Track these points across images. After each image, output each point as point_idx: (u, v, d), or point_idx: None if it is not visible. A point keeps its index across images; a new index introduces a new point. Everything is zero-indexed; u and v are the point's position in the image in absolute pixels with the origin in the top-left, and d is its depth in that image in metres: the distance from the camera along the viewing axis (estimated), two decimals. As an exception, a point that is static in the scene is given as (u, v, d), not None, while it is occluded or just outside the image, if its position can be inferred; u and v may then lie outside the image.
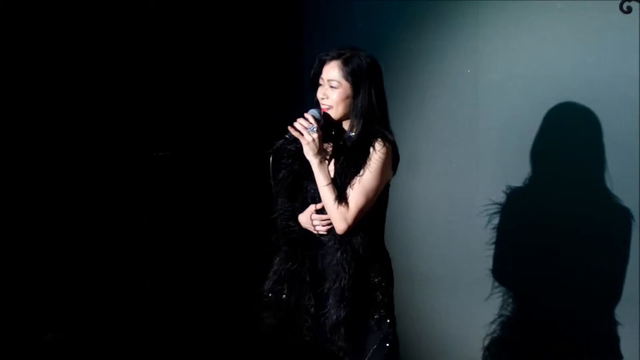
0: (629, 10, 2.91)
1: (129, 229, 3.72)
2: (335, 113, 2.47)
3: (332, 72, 2.45)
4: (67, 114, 3.58)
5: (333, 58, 2.47)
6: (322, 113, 2.47)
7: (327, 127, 2.50)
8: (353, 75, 2.43)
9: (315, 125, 2.42)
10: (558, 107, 3.18)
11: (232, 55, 4.06)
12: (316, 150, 2.42)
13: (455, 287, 3.54)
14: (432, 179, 3.50)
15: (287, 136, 2.45)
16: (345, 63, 2.44)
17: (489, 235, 3.43)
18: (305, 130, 2.41)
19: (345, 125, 2.51)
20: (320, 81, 2.50)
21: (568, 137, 3.16)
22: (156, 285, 3.77)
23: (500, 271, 3.41)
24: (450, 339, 3.57)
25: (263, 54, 4.14)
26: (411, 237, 3.71)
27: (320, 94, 2.49)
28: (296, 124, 2.43)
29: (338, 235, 2.44)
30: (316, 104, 2.51)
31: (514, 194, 3.34)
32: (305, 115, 2.45)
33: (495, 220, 3.41)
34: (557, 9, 3.16)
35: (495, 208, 3.41)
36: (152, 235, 3.78)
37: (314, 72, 2.52)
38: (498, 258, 3.42)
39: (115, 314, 3.73)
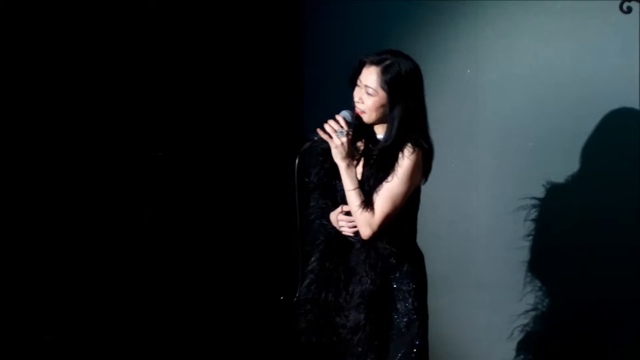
0: (629, 10, 2.91)
1: (128, 229, 3.72)
2: (368, 118, 2.43)
3: (369, 78, 2.40)
4: (66, 114, 3.58)
5: (373, 63, 2.40)
6: (355, 115, 2.43)
7: (358, 128, 2.46)
8: (390, 85, 2.37)
9: (345, 128, 2.38)
10: (558, 107, 3.18)
11: (232, 55, 4.06)
12: (344, 154, 2.38)
13: (455, 288, 3.54)
14: (432, 179, 3.47)
15: (315, 138, 2.41)
16: (384, 71, 2.37)
17: (489, 235, 3.43)
18: (334, 133, 2.38)
19: (378, 128, 2.47)
20: (358, 82, 2.44)
21: (568, 137, 3.16)
22: (156, 286, 3.77)
23: (500, 272, 3.41)
24: (449, 340, 3.57)
25: (263, 54, 4.13)
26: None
27: (356, 96, 2.44)
28: (326, 126, 2.39)
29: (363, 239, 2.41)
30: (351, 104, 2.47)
31: (513, 194, 3.34)
32: (337, 117, 2.41)
33: (495, 220, 3.41)
34: (557, 9, 3.15)
35: (494, 208, 3.41)
36: (152, 236, 3.77)
37: (354, 72, 2.46)
38: (498, 258, 3.42)
39: (115, 315, 3.73)
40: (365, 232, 2.38)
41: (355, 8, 3.86)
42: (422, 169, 2.42)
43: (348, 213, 2.45)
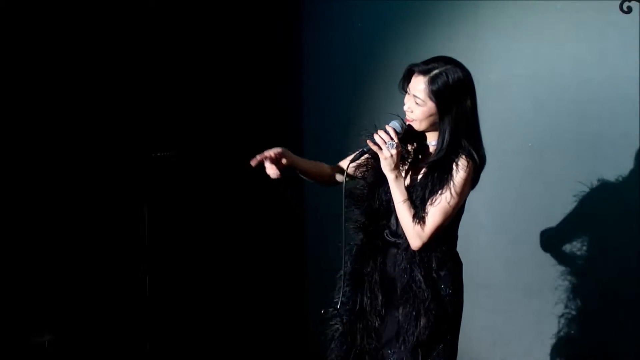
0: (629, 10, 2.91)
1: (128, 229, 3.72)
2: (418, 126, 2.40)
3: (417, 88, 2.35)
4: (65, 114, 3.58)
5: (421, 72, 2.35)
6: (405, 124, 2.41)
7: (409, 137, 2.45)
8: (438, 96, 2.32)
9: (395, 140, 2.36)
10: (558, 107, 3.18)
11: (231, 56, 4.06)
12: (393, 165, 2.36)
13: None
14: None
15: (364, 149, 2.40)
16: (432, 81, 2.33)
17: (488, 236, 3.43)
18: (384, 145, 2.36)
19: (430, 135, 2.44)
20: (408, 90, 2.40)
21: (568, 137, 3.16)
22: (155, 286, 3.77)
23: (500, 272, 3.41)
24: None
25: (262, 54, 4.13)
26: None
27: (406, 104, 2.41)
28: (376, 137, 2.37)
29: (410, 247, 2.39)
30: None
31: (513, 194, 3.34)
32: (387, 127, 2.38)
33: (494, 221, 3.41)
34: (557, 9, 3.15)
35: (494, 208, 3.41)
36: (152, 236, 3.77)
37: (403, 78, 2.42)
38: (497, 259, 3.42)
39: (114, 316, 3.72)
40: (416, 243, 2.37)
41: (355, 8, 3.86)
42: (472, 180, 2.40)
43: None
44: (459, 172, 2.34)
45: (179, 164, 3.75)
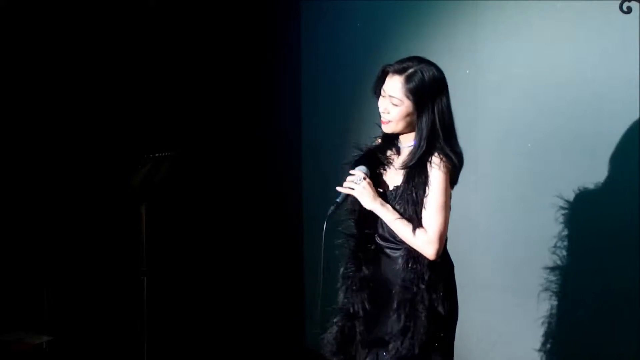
0: (629, 10, 2.90)
1: (126, 230, 3.71)
2: (394, 127, 2.41)
3: (394, 88, 2.36)
4: (65, 114, 3.58)
5: (396, 72, 2.37)
6: (368, 172, 2.43)
7: (385, 142, 2.49)
8: (415, 94, 2.34)
9: (361, 175, 2.40)
10: (557, 107, 3.17)
11: (230, 55, 4.06)
12: (371, 195, 2.38)
13: (454, 288, 3.53)
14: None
15: (337, 200, 2.41)
16: (408, 80, 2.34)
17: (488, 236, 3.42)
18: (353, 184, 2.39)
19: (405, 138, 2.46)
20: (382, 92, 2.41)
21: (567, 138, 3.15)
22: (154, 287, 3.77)
23: (500, 273, 3.40)
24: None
25: (260, 54, 4.13)
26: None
27: (381, 106, 2.42)
28: (344, 184, 2.40)
29: (407, 250, 2.39)
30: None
31: (512, 195, 3.33)
32: (351, 172, 2.42)
33: (494, 221, 3.41)
34: (557, 9, 3.15)
35: (493, 209, 3.40)
36: (150, 237, 3.77)
37: (377, 81, 2.43)
38: (497, 259, 3.41)
39: (112, 317, 3.72)
40: (430, 251, 2.36)
41: (354, 8, 3.85)
42: (451, 179, 2.42)
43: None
44: (435, 171, 2.36)
45: (177, 164, 3.75)
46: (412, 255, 2.39)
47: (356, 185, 2.39)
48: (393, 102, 2.37)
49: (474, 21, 3.41)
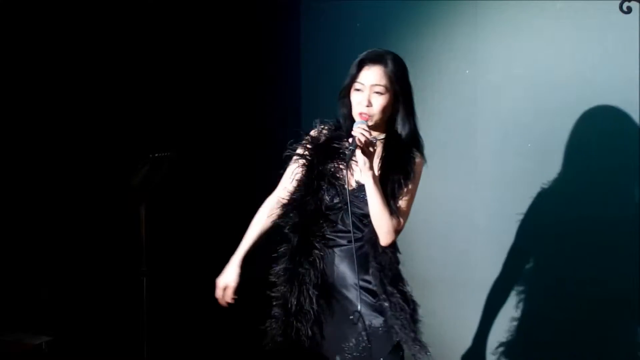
0: (629, 10, 2.90)
1: (125, 230, 3.71)
2: (377, 119, 2.35)
3: (375, 78, 2.32)
4: (65, 114, 3.58)
5: (374, 62, 2.34)
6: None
7: (338, 134, 2.44)
8: (399, 79, 2.34)
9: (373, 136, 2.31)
10: (557, 107, 3.17)
11: (229, 56, 4.05)
12: (370, 163, 2.28)
13: (453, 290, 3.53)
14: (430, 179, 3.48)
15: (351, 147, 2.25)
16: (392, 67, 2.33)
17: (488, 236, 3.42)
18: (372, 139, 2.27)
19: (377, 130, 2.40)
20: (359, 86, 2.35)
21: (567, 138, 3.15)
22: (153, 287, 3.76)
23: (499, 273, 3.40)
24: (447, 342, 3.55)
25: (260, 54, 4.13)
26: (408, 238, 3.69)
27: (361, 101, 2.33)
28: (361, 133, 2.24)
29: (373, 242, 2.39)
30: (347, 114, 2.39)
31: (512, 195, 3.33)
32: (359, 125, 2.28)
33: (494, 222, 3.40)
34: (557, 9, 3.15)
35: (493, 209, 3.40)
36: (149, 237, 3.77)
37: (351, 79, 2.36)
38: (496, 260, 3.41)
39: (112, 317, 3.72)
40: (388, 239, 2.36)
41: (354, 8, 3.85)
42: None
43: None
44: (417, 166, 2.39)
45: (177, 164, 3.74)
46: (387, 250, 2.38)
47: (372, 142, 2.26)
48: (377, 91, 2.33)
49: (474, 21, 3.41)
